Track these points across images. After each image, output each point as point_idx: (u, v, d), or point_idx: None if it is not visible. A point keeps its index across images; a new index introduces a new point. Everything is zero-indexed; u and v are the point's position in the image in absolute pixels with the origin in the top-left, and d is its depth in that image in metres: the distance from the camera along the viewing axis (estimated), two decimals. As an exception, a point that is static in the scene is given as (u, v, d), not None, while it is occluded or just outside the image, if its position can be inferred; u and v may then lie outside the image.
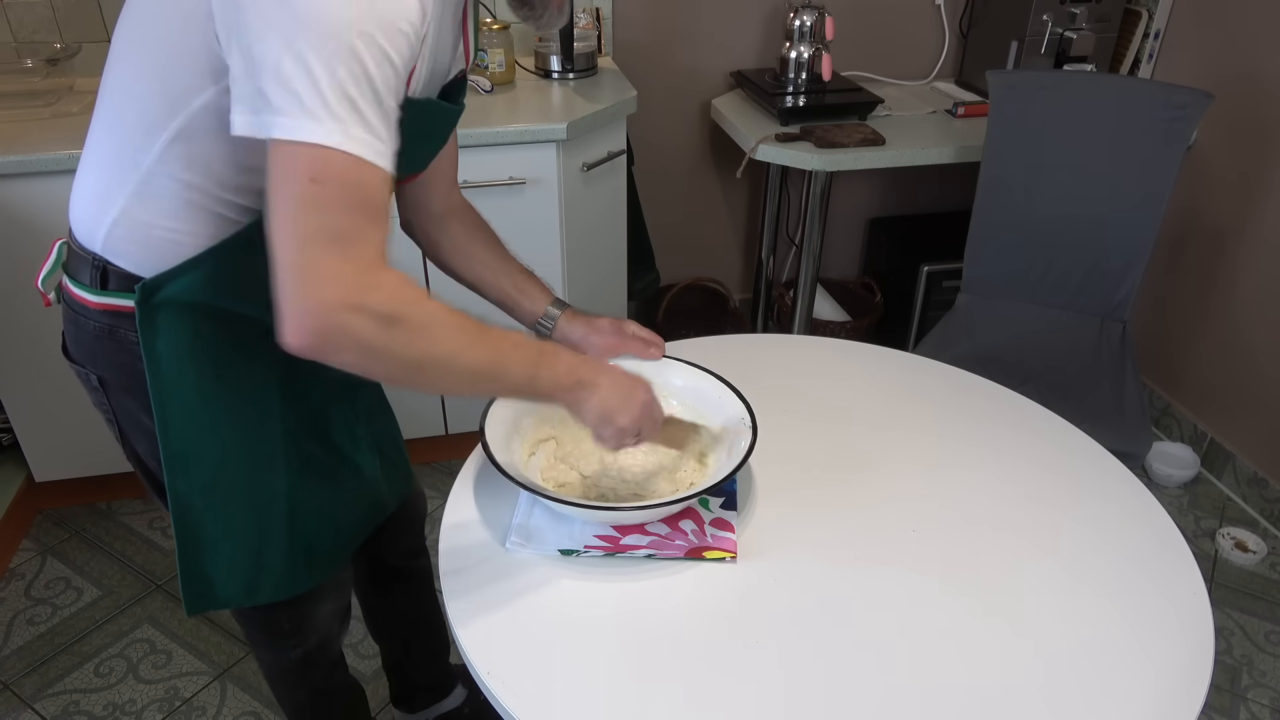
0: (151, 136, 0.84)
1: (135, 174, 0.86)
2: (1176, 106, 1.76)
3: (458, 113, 1.02)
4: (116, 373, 0.97)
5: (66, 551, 2.07)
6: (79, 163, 0.94)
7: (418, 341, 0.77)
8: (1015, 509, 1.06)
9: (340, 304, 0.72)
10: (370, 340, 0.74)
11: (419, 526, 1.41)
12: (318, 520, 1.06)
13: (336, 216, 0.72)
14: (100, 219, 0.90)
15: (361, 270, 0.73)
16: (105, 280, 0.91)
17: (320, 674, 1.26)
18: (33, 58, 1.96)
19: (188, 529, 0.99)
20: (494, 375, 0.86)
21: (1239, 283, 2.20)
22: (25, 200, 1.73)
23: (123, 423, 1.01)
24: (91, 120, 0.92)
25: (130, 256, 0.90)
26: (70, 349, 1.00)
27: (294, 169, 0.71)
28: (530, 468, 1.06)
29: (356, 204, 0.73)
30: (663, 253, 2.58)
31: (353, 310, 0.72)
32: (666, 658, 0.86)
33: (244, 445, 0.98)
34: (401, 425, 1.27)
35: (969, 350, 1.87)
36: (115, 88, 0.88)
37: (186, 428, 0.95)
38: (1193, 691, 0.84)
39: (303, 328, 0.71)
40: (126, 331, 0.93)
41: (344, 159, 0.72)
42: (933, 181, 2.75)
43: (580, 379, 0.92)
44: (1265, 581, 2.02)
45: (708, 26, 2.45)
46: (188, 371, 0.93)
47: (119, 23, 0.88)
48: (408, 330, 0.76)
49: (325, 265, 0.71)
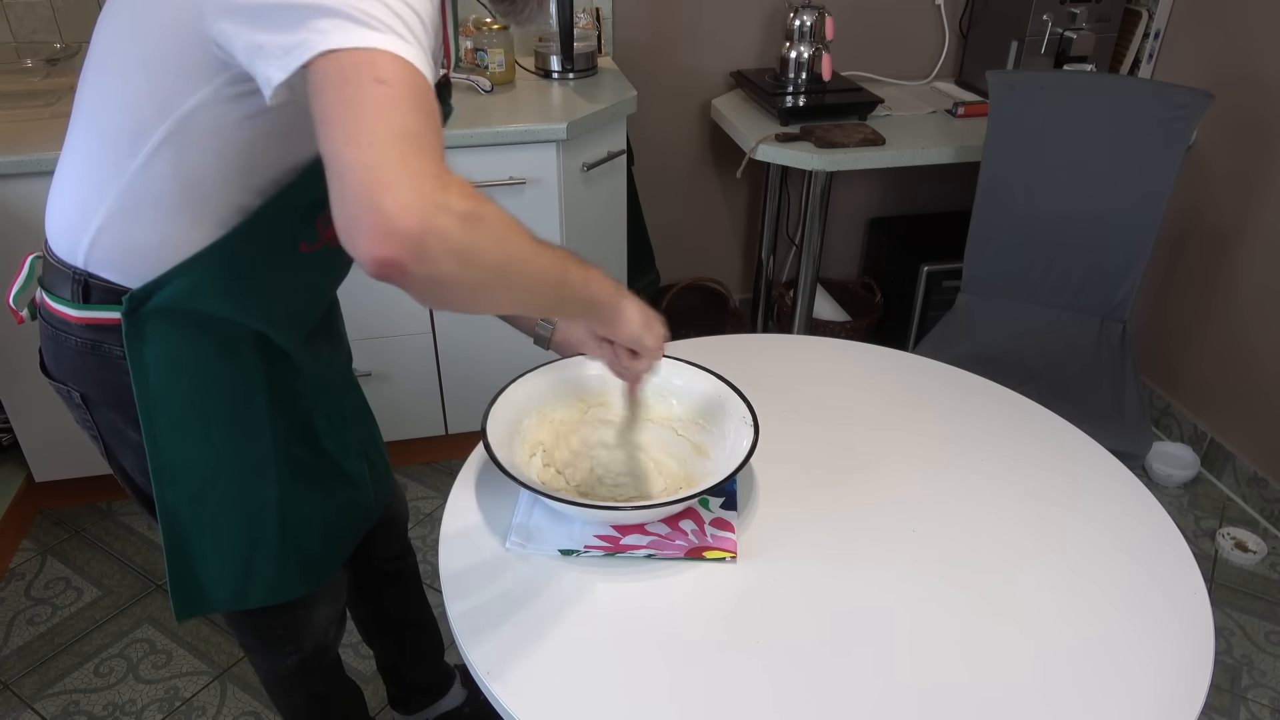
0: (138, 142, 0.82)
1: (119, 182, 0.84)
2: (1176, 106, 1.76)
3: (448, 111, 1.00)
4: (100, 388, 0.95)
5: (66, 551, 2.07)
6: (54, 176, 0.91)
7: (499, 242, 0.70)
8: (1015, 509, 1.06)
9: (430, 203, 0.63)
10: (460, 242, 0.65)
11: (402, 529, 1.41)
12: (309, 527, 1.05)
13: (409, 116, 0.65)
14: (81, 231, 0.88)
15: (442, 170, 0.66)
16: (87, 294, 0.89)
17: (317, 679, 1.25)
18: (33, 58, 1.96)
19: (176, 539, 0.98)
20: (559, 281, 0.80)
21: (1239, 283, 2.20)
22: (26, 200, 1.73)
23: (108, 438, 1.00)
24: (68, 130, 0.89)
25: (114, 267, 0.88)
26: (50, 366, 0.98)
27: (355, 73, 0.65)
28: (531, 468, 1.06)
29: (423, 107, 0.66)
30: (663, 253, 2.58)
31: (441, 210, 0.64)
32: (667, 657, 0.86)
33: (233, 453, 0.97)
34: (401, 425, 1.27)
35: (969, 350, 1.87)
36: (95, 94, 0.86)
37: (174, 439, 0.93)
38: (1193, 691, 0.84)
39: (393, 233, 0.62)
40: (111, 345, 0.91)
41: (405, 64, 0.66)
42: (933, 181, 2.75)
43: (620, 289, 0.92)
44: (1265, 581, 2.02)
45: (708, 26, 2.45)
46: (175, 382, 0.91)
47: (97, 27, 0.86)
48: (488, 229, 0.68)
49: (407, 164, 0.63)
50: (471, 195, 0.66)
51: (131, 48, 0.82)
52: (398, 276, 0.64)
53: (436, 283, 0.67)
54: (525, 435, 1.08)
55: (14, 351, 1.86)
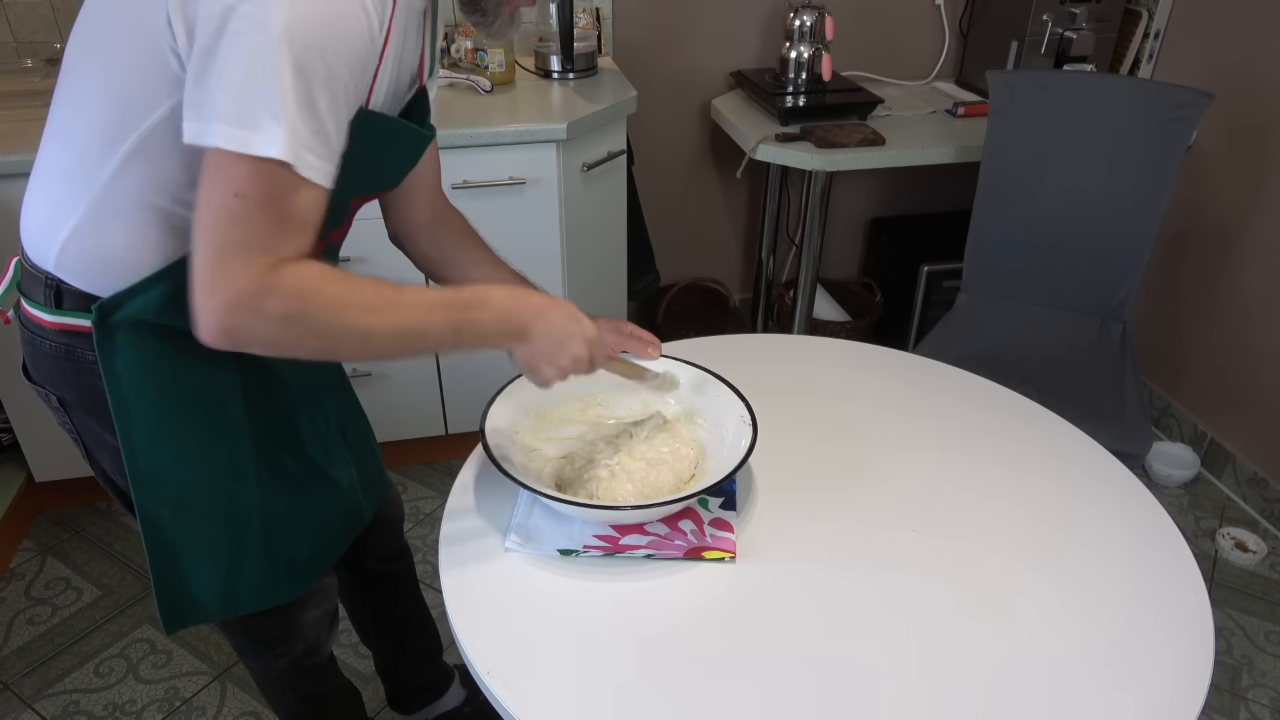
0: (107, 153, 0.83)
1: (89, 192, 0.85)
2: (1176, 106, 1.76)
3: (427, 137, 1.01)
4: (77, 392, 0.95)
5: (66, 551, 2.07)
6: (29, 181, 0.91)
7: (320, 329, 0.81)
8: (1015, 509, 1.06)
9: (237, 306, 0.77)
10: (271, 337, 0.80)
11: (398, 530, 1.41)
12: (295, 531, 1.05)
13: (248, 228, 0.76)
14: (52, 238, 0.88)
15: (258, 275, 0.76)
16: (60, 299, 0.89)
17: (310, 680, 1.25)
18: (33, 58, 1.96)
19: (159, 546, 0.98)
20: (414, 337, 0.87)
21: (1239, 283, 2.20)
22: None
23: (87, 441, 1.00)
24: (42, 138, 0.90)
25: (84, 275, 0.88)
26: (29, 370, 0.98)
27: (223, 179, 0.75)
28: (529, 468, 1.06)
29: (273, 217, 0.77)
30: (663, 253, 2.58)
31: (248, 312, 0.77)
32: (666, 657, 0.86)
33: (211, 459, 0.97)
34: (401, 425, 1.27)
35: (969, 350, 1.87)
36: (66, 104, 0.86)
37: (150, 445, 0.93)
38: (1193, 691, 0.84)
39: (208, 326, 0.77)
40: (84, 351, 0.91)
41: (272, 171, 0.75)
42: (933, 181, 2.75)
43: (513, 329, 0.91)
44: (1265, 581, 2.01)
45: (708, 26, 2.45)
46: (148, 389, 0.91)
47: (70, 37, 0.86)
48: (306, 323, 0.80)
49: (227, 271, 0.76)
50: (295, 295, 0.78)
51: (99, 60, 0.83)
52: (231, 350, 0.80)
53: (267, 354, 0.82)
54: (525, 435, 1.08)
55: (14, 352, 1.86)
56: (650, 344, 1.14)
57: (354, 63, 0.78)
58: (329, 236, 1.01)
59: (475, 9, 0.93)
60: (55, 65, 1.96)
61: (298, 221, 0.79)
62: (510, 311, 0.91)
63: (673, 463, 1.07)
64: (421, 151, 1.03)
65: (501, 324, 0.91)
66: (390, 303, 0.84)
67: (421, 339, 0.88)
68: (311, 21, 0.73)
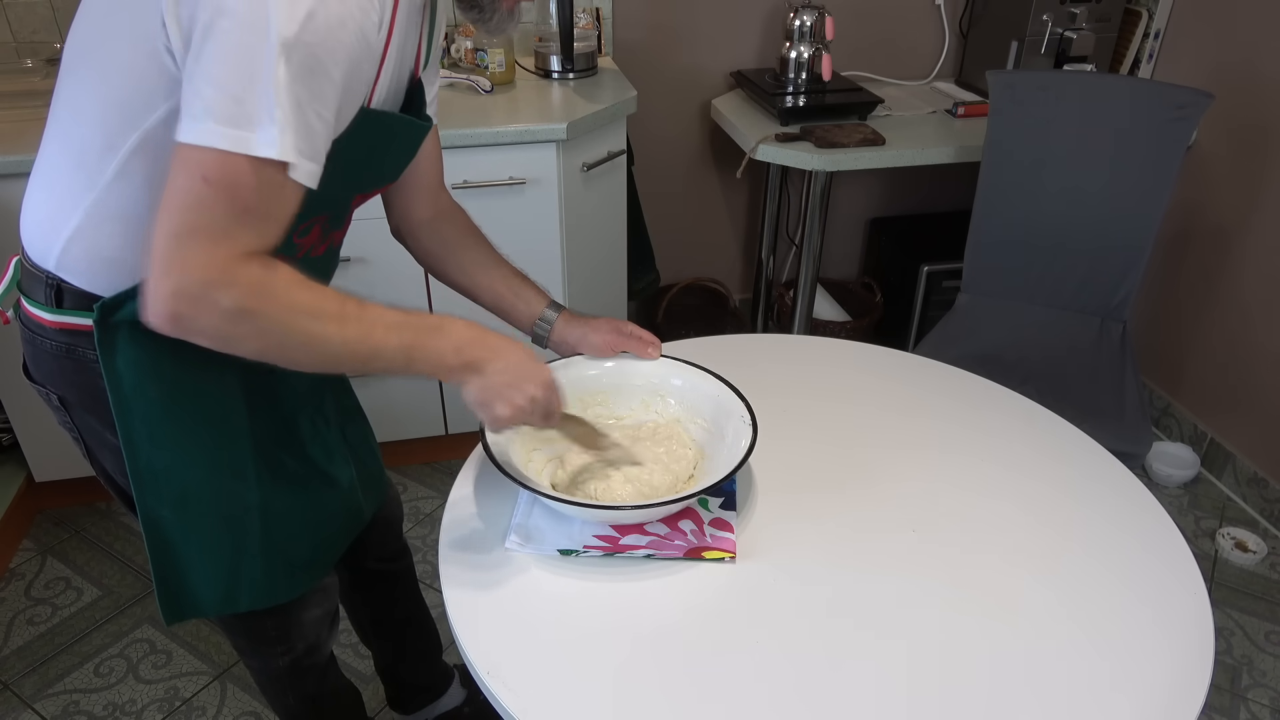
0: (107, 155, 0.83)
1: (91, 193, 0.85)
2: (1176, 106, 1.76)
3: (424, 127, 1.00)
4: (77, 391, 0.95)
5: (66, 551, 2.08)
6: (29, 181, 0.91)
7: (270, 333, 0.80)
8: (1015, 509, 1.06)
9: (188, 293, 0.75)
10: (217, 329, 0.78)
11: (397, 529, 1.41)
12: (294, 531, 1.05)
13: (211, 216, 0.75)
14: (54, 237, 0.88)
15: (218, 265, 0.75)
16: (61, 299, 0.90)
17: (310, 679, 1.25)
18: (33, 58, 1.96)
19: (160, 544, 0.98)
20: (365, 357, 0.86)
21: (1239, 283, 2.20)
22: (25, 200, 1.73)
23: (88, 441, 1.00)
24: (42, 138, 0.90)
25: (86, 275, 0.88)
26: (30, 369, 0.98)
27: (188, 168, 0.74)
28: (530, 468, 1.06)
29: (240, 204, 0.75)
30: (663, 253, 2.58)
31: (199, 302, 0.75)
32: (665, 657, 0.86)
33: (211, 459, 0.97)
34: (401, 425, 1.27)
35: (969, 350, 1.87)
36: (66, 105, 0.86)
37: (151, 444, 0.93)
38: (1193, 691, 0.84)
39: (156, 310, 0.76)
40: (85, 350, 0.91)
41: (256, 166, 0.74)
42: (933, 181, 2.75)
43: (467, 361, 0.91)
44: (1265, 581, 2.01)
45: (708, 26, 2.45)
46: (149, 388, 0.91)
47: (68, 37, 0.86)
48: (257, 323, 0.78)
49: (186, 256, 0.75)
50: (252, 291, 0.77)
51: (96, 60, 0.83)
52: (175, 336, 0.78)
53: (209, 346, 0.79)
54: (525, 434, 1.08)
55: (14, 351, 1.86)
56: (650, 344, 1.14)
57: (347, 62, 0.78)
58: (330, 237, 1.01)
59: (472, 5, 0.93)
60: (55, 65, 1.95)
61: (266, 215, 0.78)
62: (466, 343, 0.90)
63: (672, 463, 1.07)
64: (419, 142, 1.03)
65: (455, 355, 0.90)
66: (348, 315, 0.83)
67: (373, 357, 0.86)
68: (304, 20, 0.72)
